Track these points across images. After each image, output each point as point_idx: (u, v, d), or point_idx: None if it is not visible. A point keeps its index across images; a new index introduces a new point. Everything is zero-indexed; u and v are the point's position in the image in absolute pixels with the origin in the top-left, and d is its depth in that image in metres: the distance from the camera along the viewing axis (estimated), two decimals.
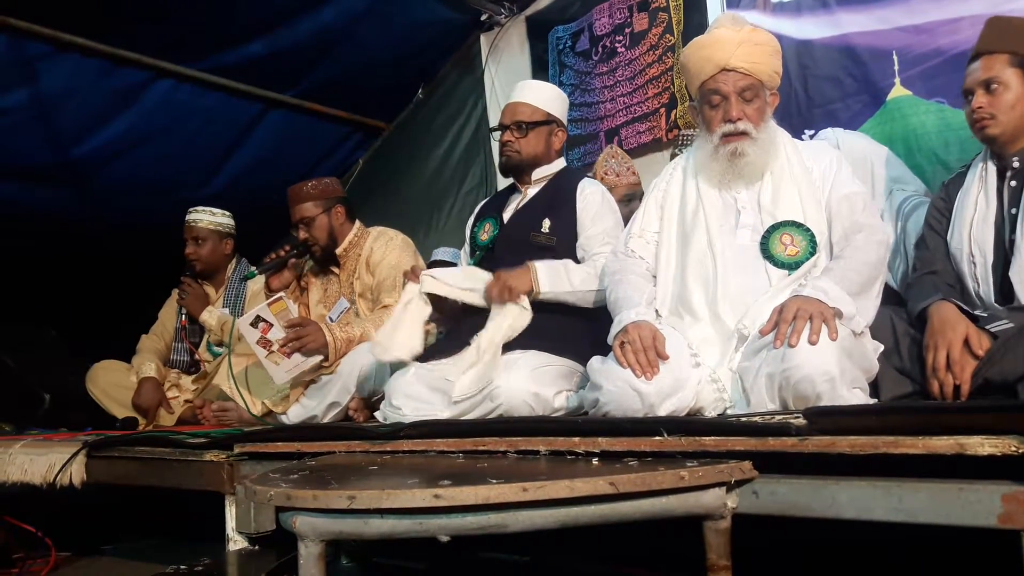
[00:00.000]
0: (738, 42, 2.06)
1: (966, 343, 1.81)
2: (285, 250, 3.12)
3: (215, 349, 3.54)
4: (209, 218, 3.68)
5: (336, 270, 3.20)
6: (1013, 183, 2.09)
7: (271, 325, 2.82)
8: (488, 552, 2.30)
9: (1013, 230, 2.04)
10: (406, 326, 2.45)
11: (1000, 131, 2.07)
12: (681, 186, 2.24)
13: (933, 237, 2.23)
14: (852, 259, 1.94)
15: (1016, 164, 2.09)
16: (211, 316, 3.51)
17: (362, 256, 3.13)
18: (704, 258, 2.09)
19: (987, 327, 1.83)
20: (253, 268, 3.16)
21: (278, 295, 2.89)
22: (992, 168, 2.15)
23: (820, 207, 2.07)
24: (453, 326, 2.66)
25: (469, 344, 2.34)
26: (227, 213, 3.76)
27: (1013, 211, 2.07)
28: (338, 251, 3.15)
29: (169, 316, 3.79)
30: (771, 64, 2.12)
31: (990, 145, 2.14)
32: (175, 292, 3.76)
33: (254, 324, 2.82)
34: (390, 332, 2.45)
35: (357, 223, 3.22)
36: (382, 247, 3.11)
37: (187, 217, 3.70)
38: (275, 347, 2.82)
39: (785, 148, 2.16)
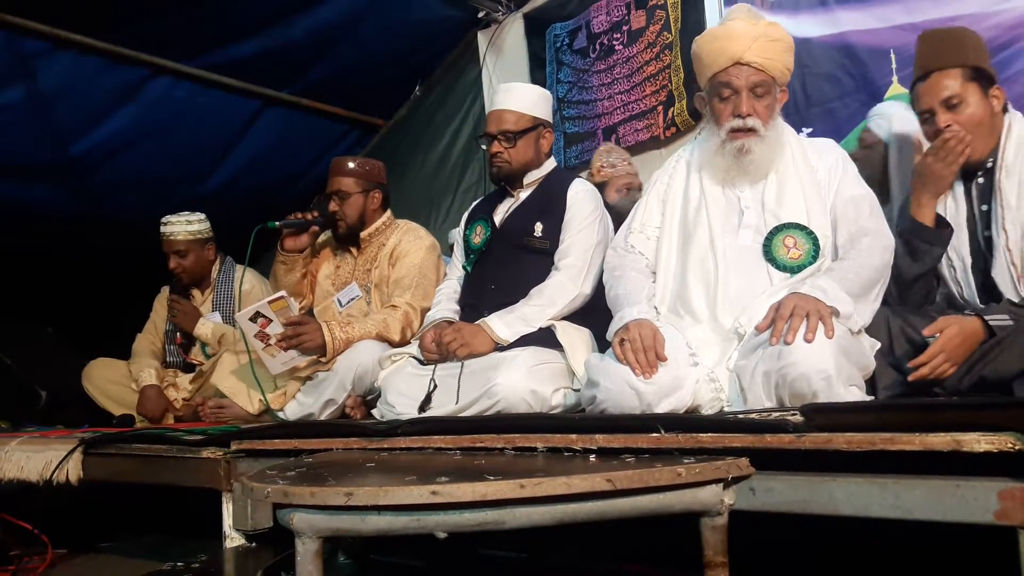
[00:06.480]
0: (754, 36, 2.04)
1: None
2: (313, 215, 3.08)
3: (209, 351, 3.52)
4: (186, 228, 3.52)
5: (354, 251, 3.15)
6: (981, 180, 2.07)
7: (270, 320, 2.80)
8: (486, 549, 2.30)
9: (987, 227, 2.03)
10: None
11: (973, 148, 2.01)
12: (684, 181, 2.22)
13: None
14: (855, 261, 1.92)
15: (989, 164, 2.05)
16: (205, 328, 3.48)
17: (386, 246, 3.09)
18: (705, 258, 2.07)
19: (986, 318, 1.82)
20: (275, 221, 3.02)
21: (279, 294, 2.84)
22: None
23: (824, 209, 2.05)
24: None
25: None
26: (201, 216, 3.60)
27: (984, 207, 2.05)
28: (362, 234, 3.11)
29: (160, 312, 3.73)
30: (784, 61, 2.10)
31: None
32: (164, 289, 3.73)
33: (253, 319, 2.81)
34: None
35: (388, 212, 3.19)
36: (409, 242, 3.07)
37: (162, 230, 3.51)
38: (272, 341, 2.81)
39: (791, 146, 2.14)
